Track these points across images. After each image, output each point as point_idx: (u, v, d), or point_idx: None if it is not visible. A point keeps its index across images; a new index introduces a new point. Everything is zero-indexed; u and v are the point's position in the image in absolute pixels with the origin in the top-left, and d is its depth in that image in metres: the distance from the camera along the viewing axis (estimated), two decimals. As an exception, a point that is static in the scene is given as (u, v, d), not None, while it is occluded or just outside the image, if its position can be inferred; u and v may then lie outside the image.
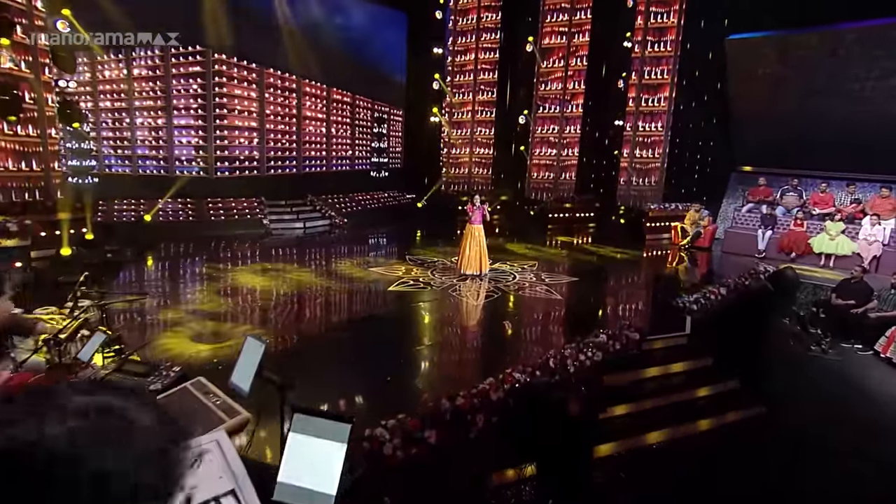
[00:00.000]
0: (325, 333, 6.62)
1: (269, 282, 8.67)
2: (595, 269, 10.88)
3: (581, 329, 6.67)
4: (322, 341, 6.33)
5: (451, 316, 7.48)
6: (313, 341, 6.26)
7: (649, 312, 8.09)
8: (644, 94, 15.20)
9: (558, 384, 5.14)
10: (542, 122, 16.82)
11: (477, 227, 9.47)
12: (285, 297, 7.85)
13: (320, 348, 6.05)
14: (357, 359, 5.77)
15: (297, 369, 5.25)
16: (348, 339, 6.42)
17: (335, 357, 5.85)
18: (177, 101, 13.80)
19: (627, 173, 15.71)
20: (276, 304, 7.53)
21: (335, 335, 6.56)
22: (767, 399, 6.24)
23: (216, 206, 13.59)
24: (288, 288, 8.34)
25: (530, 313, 7.77)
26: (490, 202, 16.34)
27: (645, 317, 7.83)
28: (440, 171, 18.12)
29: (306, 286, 8.55)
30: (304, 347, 6.04)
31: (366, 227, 14.71)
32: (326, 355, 5.88)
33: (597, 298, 8.81)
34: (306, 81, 16.00)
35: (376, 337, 6.50)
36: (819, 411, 6.09)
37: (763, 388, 6.53)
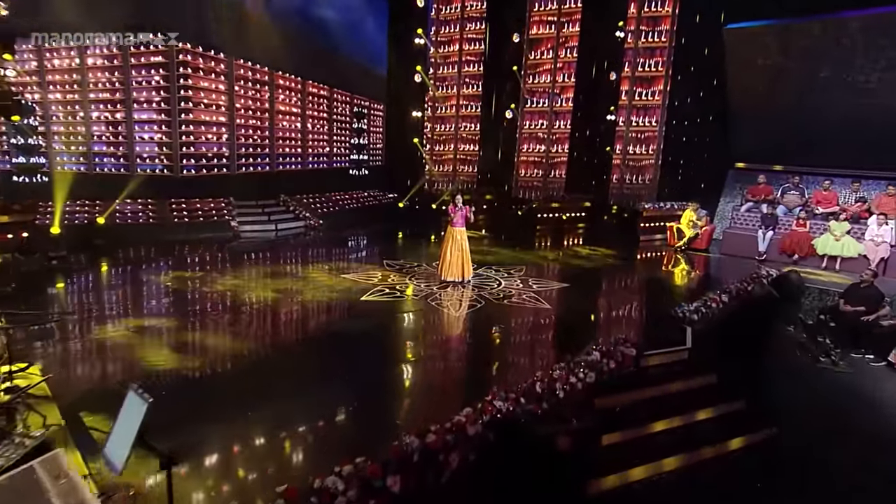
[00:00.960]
0: (276, 354, 5.97)
1: (228, 292, 8.05)
2: (586, 273, 10.43)
3: (572, 345, 6.16)
4: (271, 364, 5.67)
5: (428, 330, 6.93)
6: (261, 364, 5.63)
7: (646, 323, 7.60)
8: (637, 87, 14.83)
9: (546, 414, 4.60)
10: (529, 116, 16.41)
11: (459, 230, 8.96)
12: (242, 310, 7.24)
13: (267, 373, 5.43)
14: (310, 385, 5.16)
15: (231, 402, 4.67)
16: (304, 360, 5.81)
17: (283, 384, 5.19)
18: (137, 93, 13.12)
19: (620, 171, 15.36)
20: (229, 318, 6.92)
21: (288, 356, 5.92)
22: (776, 421, 5.78)
23: (180, 207, 12.93)
24: (248, 299, 7.73)
25: (516, 326, 7.24)
26: (474, 202, 15.96)
27: (641, 328, 7.34)
28: (423, 168, 17.58)
29: (269, 296, 7.94)
30: (248, 372, 5.42)
31: (343, 229, 14.17)
32: (273, 382, 5.23)
33: (588, 307, 8.31)
34: (279, 73, 15.42)
35: (338, 357, 5.91)
36: (831, 432, 5.65)
37: (771, 407, 6.08)
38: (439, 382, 5.44)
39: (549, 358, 6.15)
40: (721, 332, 7.38)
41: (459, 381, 5.53)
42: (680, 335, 6.87)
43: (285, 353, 5.96)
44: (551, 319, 7.52)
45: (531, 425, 4.22)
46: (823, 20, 10.97)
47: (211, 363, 5.48)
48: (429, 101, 17.47)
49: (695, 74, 13.67)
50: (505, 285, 8.89)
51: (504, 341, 6.65)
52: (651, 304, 8.70)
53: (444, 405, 4.66)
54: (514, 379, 5.20)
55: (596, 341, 6.23)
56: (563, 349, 6.35)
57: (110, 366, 5.41)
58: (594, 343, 6.23)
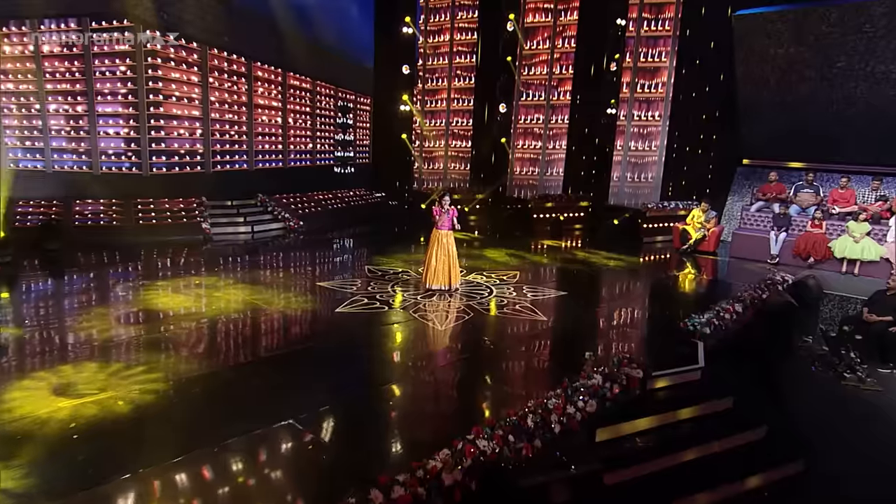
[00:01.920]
0: (223, 379, 5.23)
1: (188, 303, 7.41)
2: (586, 279, 9.89)
3: (570, 365, 5.56)
4: (216, 391, 4.94)
5: (406, 347, 6.30)
6: (201, 393, 4.87)
7: (653, 338, 6.99)
8: (640, 79, 14.40)
9: (539, 456, 3.99)
10: (525, 111, 15.91)
11: (445, 233, 8.35)
12: (199, 325, 6.59)
13: (207, 405, 4.70)
14: (253, 417, 4.37)
15: (153, 444, 3.97)
16: (254, 386, 5.09)
17: (219, 420, 4.36)
18: (100, 84, 12.45)
19: (621, 168, 14.85)
20: (183, 335, 6.27)
21: (236, 381, 5.20)
22: (801, 451, 5.21)
23: (147, 207, 12.26)
24: (209, 311, 7.08)
25: (507, 342, 6.63)
26: (466, 202, 15.49)
27: (648, 344, 6.74)
28: (412, 166, 17.00)
29: (232, 308, 7.30)
30: (185, 403, 4.72)
31: (325, 231, 13.64)
32: (208, 417, 4.46)
33: (588, 319, 7.69)
34: (258, 64, 14.86)
35: (295, 383, 5.27)
36: (864, 464, 5.10)
37: (795, 435, 5.50)
38: (412, 415, 4.78)
39: (544, 382, 5.55)
40: (736, 348, 6.81)
41: (437, 414, 4.88)
42: (691, 352, 6.29)
43: (233, 377, 5.30)
44: (547, 334, 6.91)
45: (519, 476, 3.60)
46: (842, 5, 10.42)
47: (133, 400, 4.79)
48: (418, 94, 16.87)
49: (701, 65, 13.18)
50: (496, 293, 8.31)
51: (493, 361, 6.03)
52: (658, 315, 8.10)
53: (417, 445, 4.03)
54: (502, 409, 4.58)
55: (595, 359, 5.64)
56: (560, 371, 5.75)
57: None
58: (592, 355, 5.65)
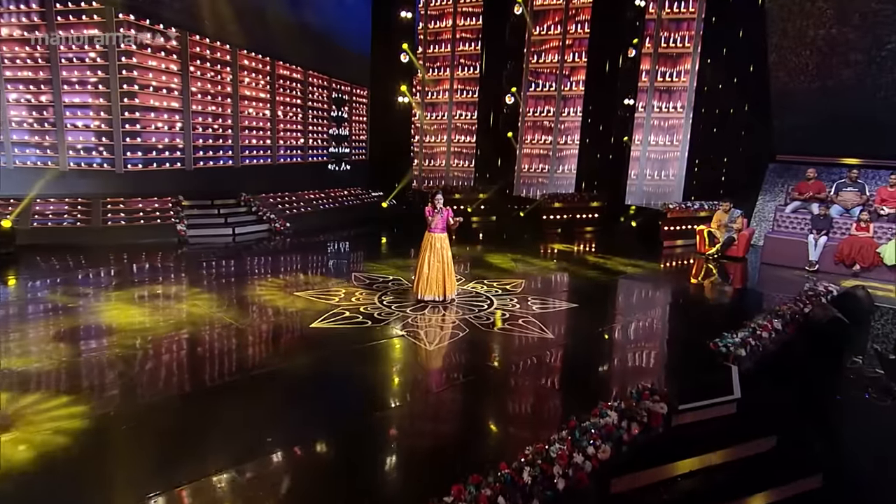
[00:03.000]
0: (161, 413, 4.47)
1: (141, 317, 6.71)
2: (600, 288, 9.19)
3: (580, 397, 4.80)
4: (148, 430, 4.22)
5: (386, 372, 5.54)
6: (128, 434, 4.13)
7: (677, 361, 6.20)
8: (661, 67, 14.02)
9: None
10: (534, 102, 15.54)
11: (439, 237, 7.63)
12: (147, 345, 5.88)
13: (132, 448, 3.98)
14: (188, 469, 3.76)
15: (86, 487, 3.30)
16: (195, 425, 4.38)
17: (145, 470, 3.72)
18: (67, 72, 11.92)
19: (640, 165, 14.47)
20: (125, 357, 5.56)
21: (178, 416, 4.45)
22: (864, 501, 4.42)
23: (116, 207, 11.66)
24: (163, 327, 6.38)
25: (506, 366, 5.86)
26: (469, 201, 14.81)
27: (671, 369, 5.94)
28: (411, 163, 16.36)
29: (193, 323, 6.60)
30: (106, 447, 4.00)
31: (313, 234, 13.06)
32: (129, 466, 3.80)
33: (602, 338, 6.90)
34: (244, 52, 14.36)
35: (247, 417, 4.53)
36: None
37: (854, 483, 4.69)
38: (380, 468, 3.99)
39: (548, 418, 4.79)
40: (777, 373, 6.00)
41: (411, 463, 4.08)
42: (723, 379, 5.50)
43: (175, 411, 4.57)
44: (553, 355, 6.13)
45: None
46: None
47: (41, 445, 4.10)
48: (417, 85, 16.22)
49: (729, 50, 12.48)
50: (498, 305, 7.60)
51: (485, 391, 5.26)
52: (682, 332, 7.29)
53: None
54: (492, 456, 3.82)
55: (611, 390, 4.88)
56: (566, 402, 4.98)
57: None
58: (609, 397, 4.88)
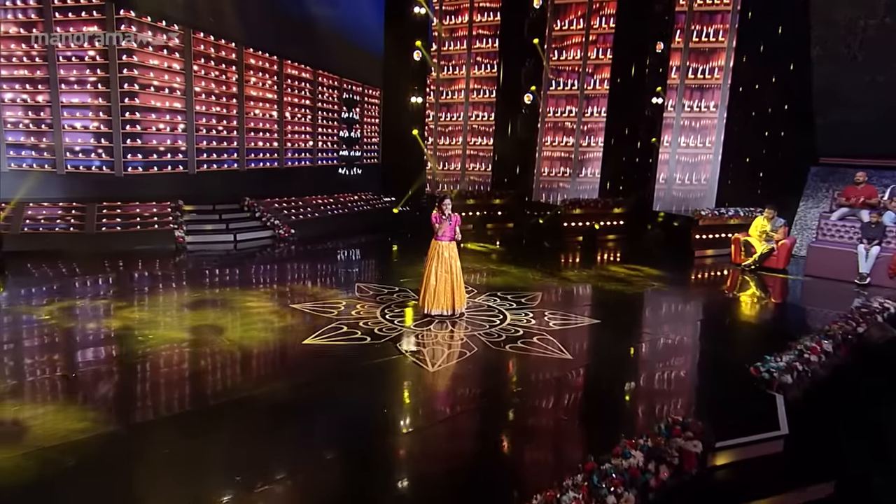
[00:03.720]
0: (117, 444, 3.98)
1: (117, 332, 6.32)
2: (625, 303, 8.61)
3: (599, 431, 4.25)
4: (98, 464, 3.75)
5: (377, 401, 5.02)
6: (73, 469, 3.67)
7: (713, 389, 5.60)
8: (693, 63, 13.71)
9: None
10: (554, 102, 15.27)
11: (447, 245, 7.18)
12: (116, 362, 5.48)
13: (74, 490, 3.53)
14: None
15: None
16: (153, 458, 3.93)
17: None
18: (65, 71, 11.79)
19: (669, 168, 14.12)
20: (89, 376, 5.15)
21: (136, 448, 3.98)
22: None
23: (112, 212, 11.45)
24: (139, 343, 5.98)
25: (516, 392, 5.33)
26: (484, 207, 14.36)
27: (706, 398, 5.35)
28: (424, 167, 15.98)
29: (173, 338, 6.20)
30: (42, 489, 3.55)
31: (320, 241, 12.73)
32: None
33: (627, 359, 6.33)
34: (251, 51, 14.19)
35: (218, 452, 4.07)
36: None
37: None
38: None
39: (561, 458, 4.25)
40: (830, 403, 5.36)
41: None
42: (767, 410, 4.90)
43: (135, 441, 4.12)
44: (571, 380, 5.59)
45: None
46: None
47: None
48: (431, 84, 15.86)
49: (767, 43, 11.84)
50: (511, 321, 7.09)
51: (490, 425, 4.73)
52: (718, 354, 6.67)
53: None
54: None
55: (635, 424, 4.33)
56: (584, 438, 4.44)
57: None
58: (633, 431, 4.32)
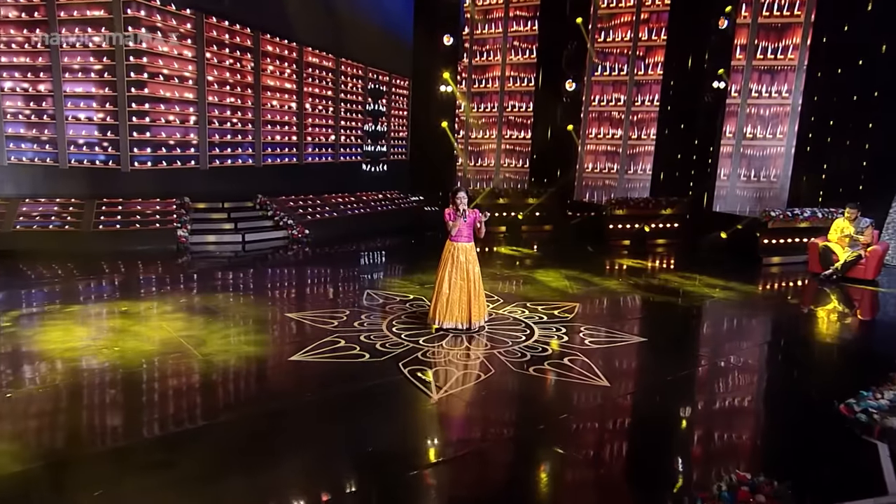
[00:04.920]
0: (38, 482, 3.44)
1: (83, 342, 5.78)
2: (677, 317, 7.68)
3: (641, 490, 3.38)
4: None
5: (361, 436, 4.24)
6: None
7: (791, 435, 4.58)
8: (761, 41, 12.66)
9: None
10: (600, 89, 14.60)
11: (464, 247, 6.39)
12: (70, 379, 4.90)
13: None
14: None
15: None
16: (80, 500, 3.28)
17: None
18: (69, 58, 11.57)
19: (732, 163, 13.26)
20: (34, 397, 4.58)
21: (62, 488, 3.41)
22: None
23: (112, 209, 11.21)
24: (103, 356, 5.41)
25: (536, 431, 4.48)
26: (519, 207, 13.60)
27: (782, 448, 4.36)
28: (456, 163, 15.45)
29: (143, 352, 5.62)
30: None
31: (337, 242, 12.26)
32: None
33: (678, 389, 5.36)
34: (268, 37, 13.87)
35: (163, 498, 3.38)
36: None
37: None
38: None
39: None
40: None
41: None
42: (866, 465, 3.93)
43: (64, 479, 3.48)
44: (607, 415, 4.69)
45: None
46: None
47: None
48: (463, 72, 15.25)
49: (853, 19, 11.08)
50: (540, 336, 6.27)
51: (497, 473, 3.90)
52: (795, 386, 5.63)
53: None
54: None
55: (690, 476, 3.44)
56: (622, 495, 3.57)
57: None
58: (687, 487, 3.44)
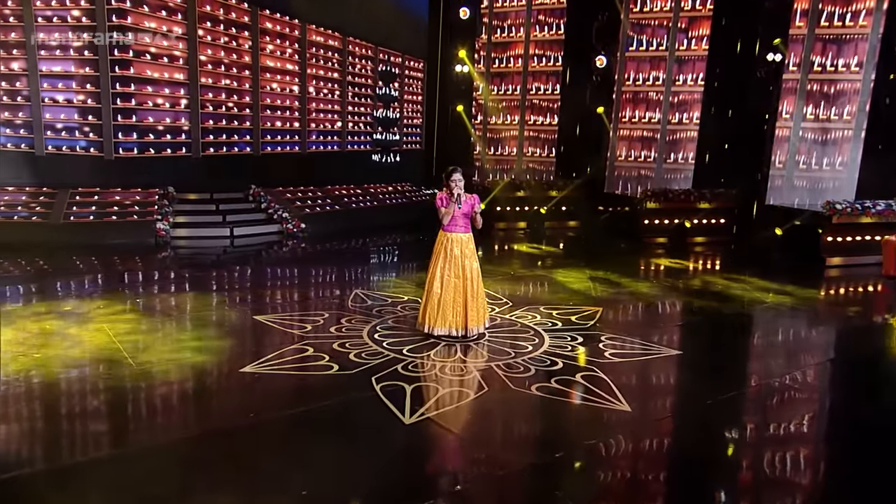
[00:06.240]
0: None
1: (7, 346, 5.15)
2: (721, 326, 6.80)
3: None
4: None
5: (313, 471, 3.42)
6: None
7: (867, 479, 3.62)
8: (826, 5, 11.89)
9: None
10: (635, 66, 13.79)
11: (459, 239, 5.60)
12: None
13: None
14: None
15: None
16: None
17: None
18: (45, 34, 11.22)
19: (789, 148, 12.39)
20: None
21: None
22: None
23: (87, 199, 10.88)
24: (23, 363, 4.76)
25: (531, 470, 3.65)
26: (541, 200, 12.86)
27: (850, 486, 3.43)
28: (473, 151, 14.95)
29: (70, 358, 4.99)
30: None
31: (336, 238, 11.64)
32: None
33: (720, 418, 4.42)
34: (267, 12, 13.44)
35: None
36: None
37: None
38: None
39: None
40: None
41: None
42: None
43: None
44: (626, 453, 3.84)
45: None
46: None
47: None
48: (481, 49, 14.64)
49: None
50: (550, 346, 5.48)
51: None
52: (869, 415, 4.63)
53: None
54: None
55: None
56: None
57: None
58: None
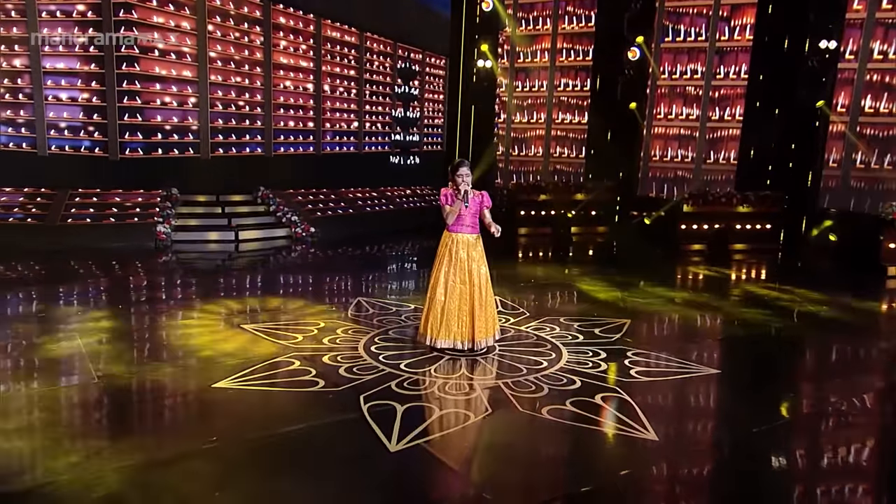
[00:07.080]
0: None
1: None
2: (766, 342, 6.23)
3: None
4: None
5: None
6: None
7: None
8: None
9: None
10: (671, 58, 13.39)
11: (465, 241, 5.18)
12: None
13: None
14: None
15: None
16: None
17: None
18: (49, 29, 11.30)
19: (844, 146, 11.58)
20: None
21: None
22: None
23: (86, 201, 10.81)
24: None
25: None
26: (567, 204, 12.31)
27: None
28: (496, 152, 14.62)
29: (32, 371, 4.66)
30: None
31: (348, 243, 11.33)
32: None
33: (767, 450, 3.85)
34: (280, 6, 13.50)
35: None
36: None
37: None
38: None
39: None
40: None
41: None
42: None
43: None
44: (653, 495, 3.30)
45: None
46: None
47: None
48: (506, 43, 14.51)
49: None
50: (569, 362, 5.02)
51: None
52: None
53: None
54: None
55: None
56: None
57: None
58: None
